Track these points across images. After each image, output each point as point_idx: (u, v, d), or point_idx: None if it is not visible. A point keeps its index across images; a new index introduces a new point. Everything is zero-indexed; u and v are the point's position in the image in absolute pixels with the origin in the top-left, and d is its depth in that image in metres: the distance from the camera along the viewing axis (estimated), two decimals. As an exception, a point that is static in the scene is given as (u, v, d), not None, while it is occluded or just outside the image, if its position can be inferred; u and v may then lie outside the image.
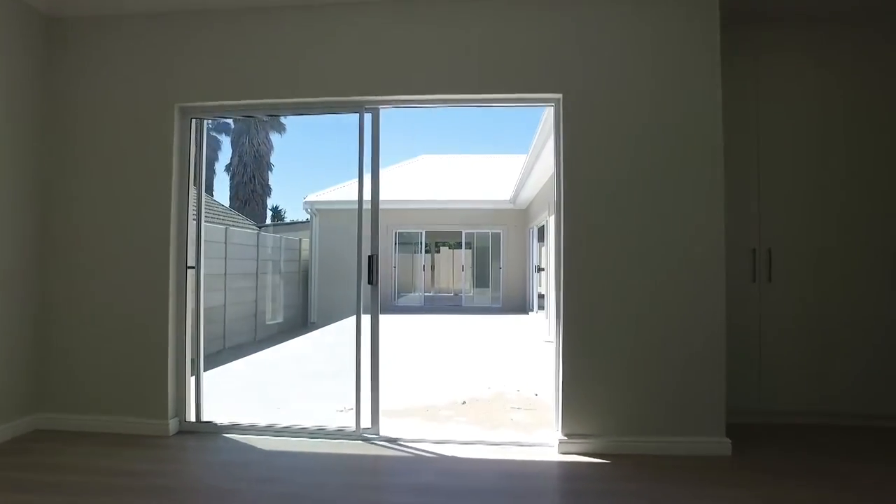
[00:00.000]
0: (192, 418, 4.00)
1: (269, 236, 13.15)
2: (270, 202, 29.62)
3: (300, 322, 13.93)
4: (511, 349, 8.72)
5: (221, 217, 14.86)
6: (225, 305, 10.00)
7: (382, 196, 3.96)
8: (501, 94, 3.78)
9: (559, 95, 3.70)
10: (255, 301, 11.39)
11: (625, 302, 3.61)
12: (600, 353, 3.62)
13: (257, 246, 11.62)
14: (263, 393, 5.77)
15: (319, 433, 3.89)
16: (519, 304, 15.76)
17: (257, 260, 11.53)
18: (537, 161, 9.09)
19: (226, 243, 10.11)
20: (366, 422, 3.85)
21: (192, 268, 4.04)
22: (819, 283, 4.12)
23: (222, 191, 28.16)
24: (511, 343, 9.40)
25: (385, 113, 3.94)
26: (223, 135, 28.17)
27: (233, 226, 12.34)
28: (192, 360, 4.03)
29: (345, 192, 14.73)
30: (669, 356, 3.58)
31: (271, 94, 3.91)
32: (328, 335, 10.88)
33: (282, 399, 5.39)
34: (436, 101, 3.87)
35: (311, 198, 15.35)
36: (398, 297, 16.66)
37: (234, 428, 3.96)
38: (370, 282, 3.88)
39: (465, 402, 5.17)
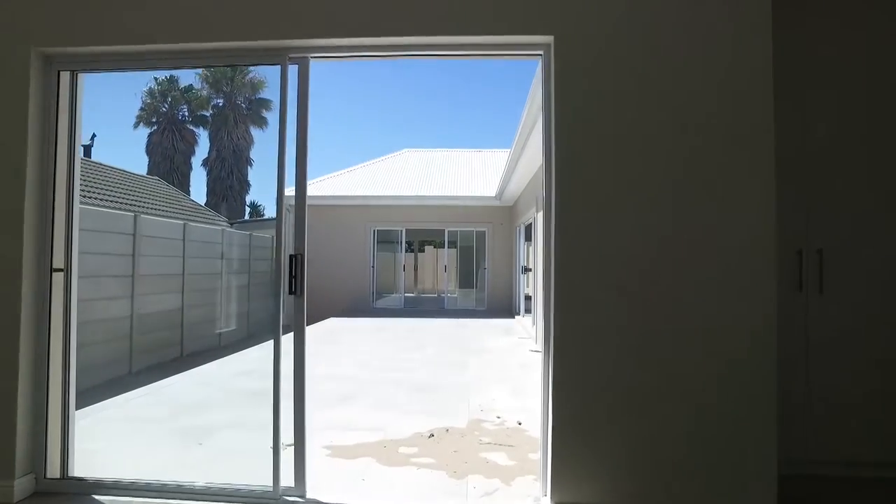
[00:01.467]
0: (56, 474, 2.97)
1: (236, 233, 12.23)
2: (249, 198, 28.69)
3: (273, 325, 12.91)
4: (494, 360, 7.80)
5: (193, 214, 13.82)
6: (182, 308, 9.11)
7: (359, 191, 2.97)
8: (469, 38, 2.80)
9: (549, 39, 2.72)
10: (220, 303, 10.40)
11: (638, 326, 2.64)
12: (604, 394, 2.64)
13: (222, 244, 10.62)
14: (190, 419, 4.77)
15: (225, 495, 2.88)
16: (505, 307, 14.91)
17: (222, 259, 10.57)
18: (523, 151, 8.33)
19: (184, 240, 9.21)
20: (287, 479, 2.86)
21: (61, 270, 3.02)
22: (887, 295, 3.16)
23: (199, 187, 27.23)
24: (494, 352, 8.48)
25: (363, 102, 2.99)
26: (200, 129, 27.23)
27: (193, 221, 11.29)
28: (63, 396, 3.01)
29: (322, 186, 13.99)
30: (699, 400, 2.62)
31: (165, 38, 2.90)
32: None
33: (209, 428, 4.43)
34: (385, 47, 2.89)
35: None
36: (377, 299, 15.63)
37: (112, 486, 2.93)
38: (293, 291, 2.89)
39: (432, 435, 4.22)
